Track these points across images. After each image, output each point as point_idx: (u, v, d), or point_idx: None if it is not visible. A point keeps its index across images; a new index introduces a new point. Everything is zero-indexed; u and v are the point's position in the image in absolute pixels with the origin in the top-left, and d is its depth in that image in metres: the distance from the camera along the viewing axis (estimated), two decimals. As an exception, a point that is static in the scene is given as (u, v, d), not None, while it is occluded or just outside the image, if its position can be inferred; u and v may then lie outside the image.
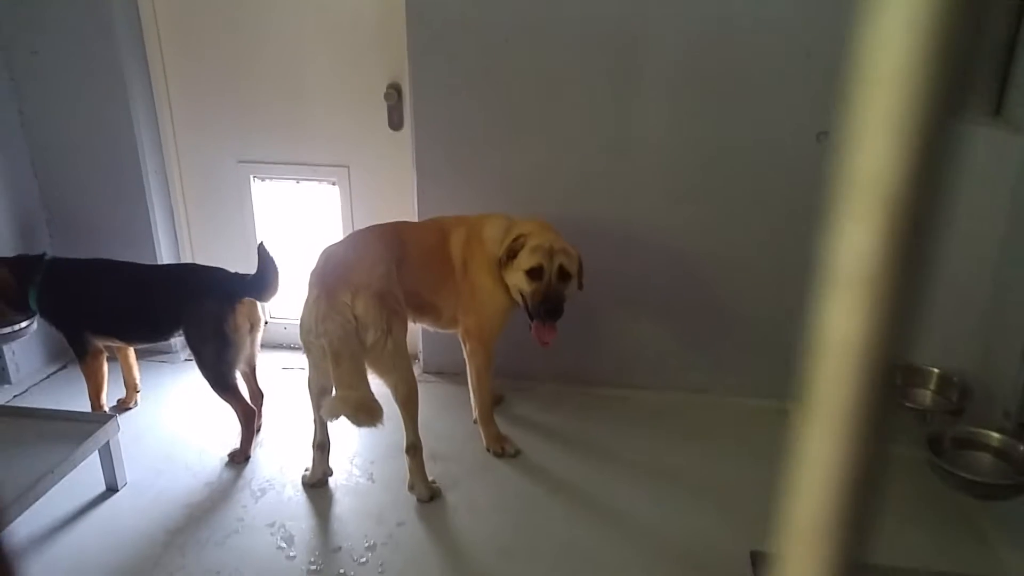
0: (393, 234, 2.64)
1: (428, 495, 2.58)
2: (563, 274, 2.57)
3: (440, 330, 2.89)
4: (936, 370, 2.77)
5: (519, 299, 2.62)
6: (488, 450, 2.82)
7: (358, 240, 2.62)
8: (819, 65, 2.64)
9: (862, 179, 0.24)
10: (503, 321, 2.75)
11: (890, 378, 0.26)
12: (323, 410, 2.30)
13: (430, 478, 2.62)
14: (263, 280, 2.64)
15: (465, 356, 2.81)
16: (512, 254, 2.58)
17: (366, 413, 2.18)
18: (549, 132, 2.88)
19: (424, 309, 2.74)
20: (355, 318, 2.29)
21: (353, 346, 2.28)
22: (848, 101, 0.25)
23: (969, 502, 2.50)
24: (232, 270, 2.75)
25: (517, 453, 2.83)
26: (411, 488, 2.59)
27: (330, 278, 2.38)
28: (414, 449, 2.56)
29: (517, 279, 2.58)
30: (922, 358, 2.70)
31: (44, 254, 2.77)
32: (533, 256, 2.54)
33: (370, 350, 2.32)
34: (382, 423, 2.21)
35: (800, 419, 0.28)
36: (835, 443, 0.26)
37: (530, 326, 2.61)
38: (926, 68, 0.23)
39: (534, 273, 2.55)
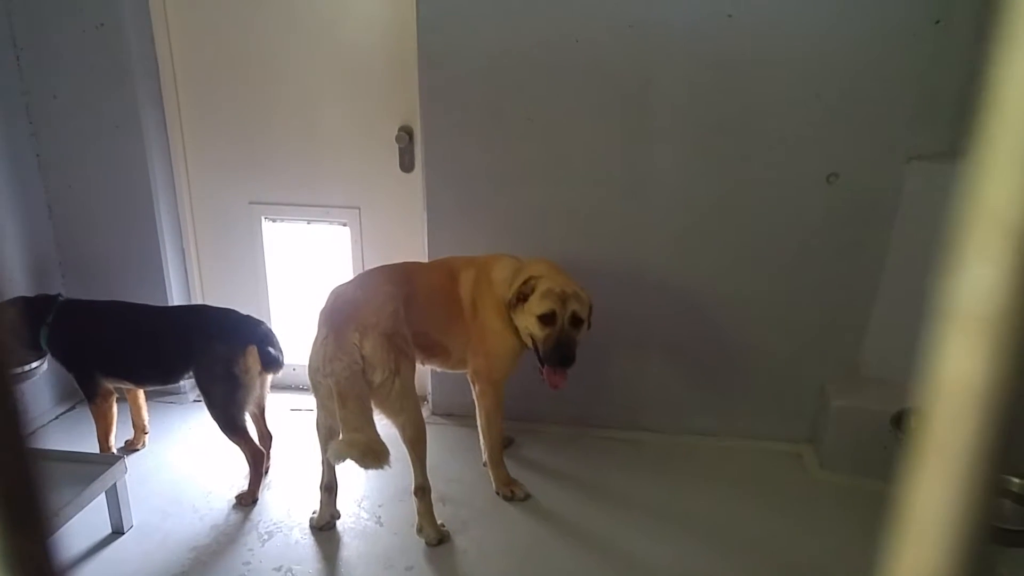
0: (402, 274, 2.65)
1: (436, 538, 2.55)
2: (575, 320, 2.53)
3: (449, 371, 2.88)
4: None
5: (529, 342, 2.61)
6: (498, 493, 2.79)
7: (367, 280, 2.63)
8: (829, 106, 2.67)
9: (988, 214, 0.24)
10: (513, 363, 2.74)
11: (1011, 423, 0.25)
12: (329, 453, 2.28)
13: (439, 521, 2.59)
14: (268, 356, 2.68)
15: (474, 397, 2.79)
16: (522, 297, 2.56)
17: (372, 456, 2.15)
18: (559, 174, 2.90)
19: (433, 349, 2.73)
20: (363, 358, 2.29)
21: (359, 387, 2.27)
22: (977, 135, 0.25)
23: (992, 549, 2.45)
24: (243, 311, 2.76)
25: (527, 497, 2.80)
26: (419, 531, 2.56)
27: (339, 318, 2.38)
28: (422, 491, 2.53)
29: (528, 323, 2.56)
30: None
31: (59, 295, 2.78)
32: (545, 301, 2.51)
33: (377, 391, 2.32)
34: (389, 465, 2.18)
35: (912, 463, 0.26)
36: (952, 489, 0.25)
37: (540, 370, 2.60)
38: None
39: (546, 319, 2.52)
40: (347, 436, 2.20)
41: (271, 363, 2.68)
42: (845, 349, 2.98)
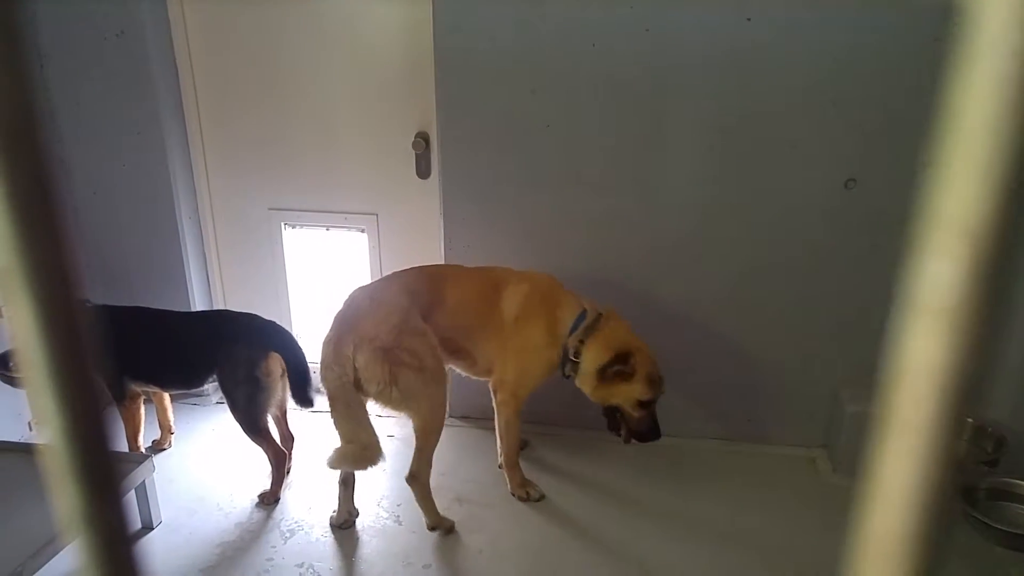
0: (429, 279, 2.71)
1: (432, 524, 2.63)
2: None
3: (472, 376, 2.92)
4: (970, 420, 2.76)
5: (609, 403, 2.70)
6: (513, 495, 2.84)
7: (383, 287, 2.68)
8: (845, 113, 2.69)
9: (946, 217, 0.28)
10: (541, 382, 2.77)
11: (965, 404, 0.29)
12: (326, 461, 2.41)
13: (455, 518, 2.65)
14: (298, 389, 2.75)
15: (494, 405, 2.83)
16: (622, 374, 2.59)
17: (364, 460, 2.40)
18: (575, 181, 2.94)
19: (459, 354, 2.78)
20: (356, 370, 2.40)
21: (349, 396, 2.41)
22: (936, 146, 0.29)
23: (1004, 554, 2.47)
24: (264, 316, 2.82)
25: (541, 498, 2.84)
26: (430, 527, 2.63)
27: (342, 326, 2.49)
28: (414, 479, 2.60)
29: (624, 400, 2.64)
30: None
31: (88, 300, 2.85)
32: (651, 388, 2.61)
33: (375, 397, 2.47)
34: (383, 459, 2.42)
35: (877, 439, 0.31)
36: (911, 462, 0.29)
37: (620, 433, 2.76)
38: (1014, 118, 0.26)
39: (646, 404, 2.63)
40: (341, 447, 2.41)
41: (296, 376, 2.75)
42: (859, 354, 3.00)
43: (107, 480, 0.38)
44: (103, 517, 0.38)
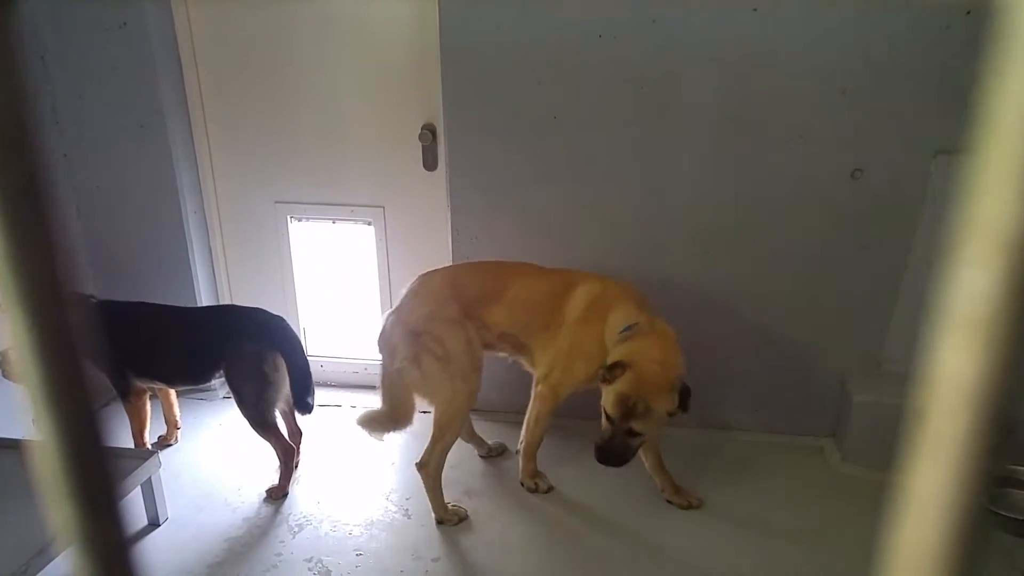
0: (489, 273, 2.72)
1: (439, 518, 2.67)
2: (632, 432, 2.45)
3: (527, 368, 2.88)
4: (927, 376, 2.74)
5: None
6: (522, 484, 2.83)
7: (433, 274, 2.75)
8: (854, 102, 2.66)
9: (983, 225, 0.26)
10: (583, 387, 2.70)
11: (1001, 415, 0.27)
12: (357, 418, 2.70)
13: (468, 508, 2.66)
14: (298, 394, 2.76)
15: (532, 395, 2.79)
16: (607, 379, 2.46)
17: (389, 425, 2.66)
18: (583, 172, 2.92)
19: (521, 350, 2.78)
20: (393, 346, 2.61)
21: (387, 368, 2.63)
22: (973, 152, 0.27)
23: (1008, 540, 2.46)
24: (271, 311, 2.81)
25: (549, 489, 2.84)
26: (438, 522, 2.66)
27: (396, 307, 2.69)
28: (422, 467, 2.66)
29: (604, 400, 2.49)
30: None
31: (91, 296, 2.85)
32: (615, 404, 2.42)
33: (399, 373, 2.59)
34: (406, 427, 2.68)
35: (910, 451, 0.29)
36: (945, 475, 0.28)
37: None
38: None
39: (611, 419, 2.46)
40: (373, 409, 2.69)
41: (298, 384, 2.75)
42: (867, 344, 2.99)
43: (102, 489, 0.36)
44: (98, 526, 0.37)
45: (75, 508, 0.35)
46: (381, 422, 2.67)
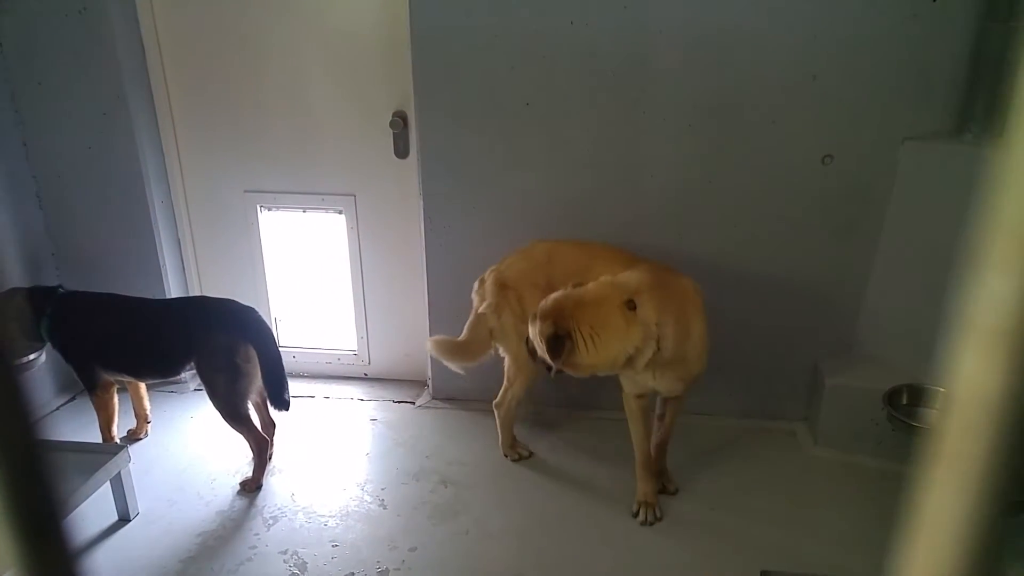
0: (579, 254, 2.69)
1: (504, 452, 2.94)
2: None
3: None
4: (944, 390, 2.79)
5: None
6: (638, 510, 2.66)
7: (537, 244, 2.80)
8: (825, 88, 2.68)
9: (1007, 229, 0.25)
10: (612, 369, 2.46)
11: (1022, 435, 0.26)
12: (429, 341, 2.97)
13: (441, 500, 2.64)
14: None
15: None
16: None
17: (458, 358, 2.89)
18: (555, 158, 2.91)
19: None
20: (485, 290, 2.78)
21: (475, 307, 2.83)
22: (997, 154, 0.26)
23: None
24: (242, 301, 2.77)
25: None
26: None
27: (501, 260, 2.81)
28: (497, 407, 2.92)
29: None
30: (932, 379, 2.71)
31: (59, 287, 2.78)
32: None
33: (482, 317, 2.79)
34: (474, 364, 2.89)
35: (926, 468, 0.28)
36: (963, 497, 0.26)
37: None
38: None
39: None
40: (452, 338, 2.92)
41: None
42: (839, 328, 3.02)
43: (49, 519, 0.33)
44: (47, 561, 0.34)
45: (15, 534, 0.32)
46: (451, 350, 2.89)
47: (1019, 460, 0.26)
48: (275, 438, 2.94)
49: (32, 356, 2.88)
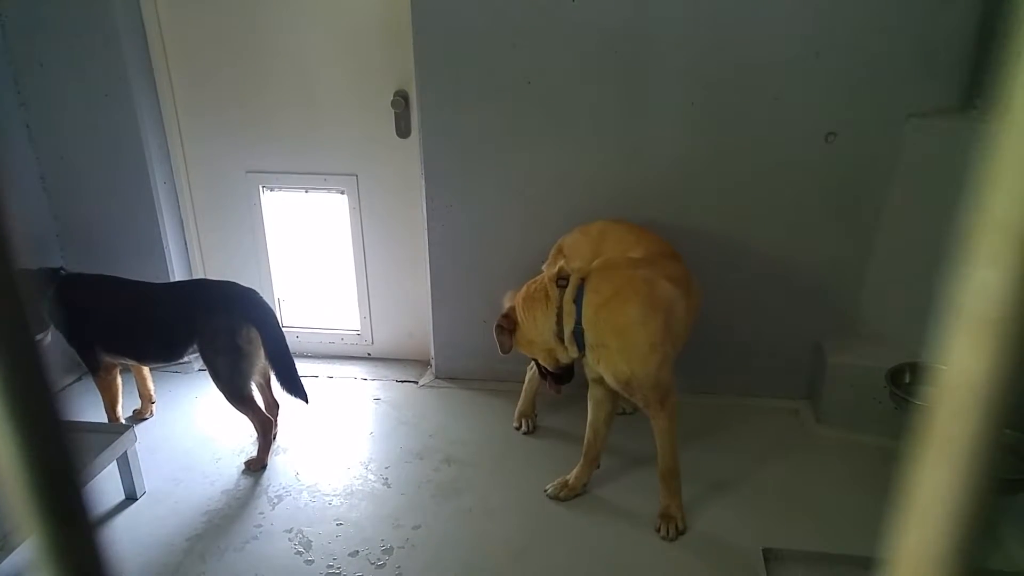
0: (621, 237, 2.68)
1: (516, 424, 2.99)
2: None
3: None
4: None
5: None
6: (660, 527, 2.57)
7: (598, 222, 2.79)
8: (828, 65, 2.65)
9: (995, 221, 0.25)
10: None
11: (1009, 418, 0.27)
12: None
13: (444, 479, 2.66)
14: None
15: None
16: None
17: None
18: (558, 137, 2.90)
19: None
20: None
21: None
22: (987, 147, 0.26)
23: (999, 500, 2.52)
24: (245, 283, 2.78)
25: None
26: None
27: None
28: (529, 368, 2.94)
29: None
30: (932, 356, 2.71)
31: (60, 268, 2.79)
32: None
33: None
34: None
35: (916, 450, 0.29)
36: (953, 477, 0.28)
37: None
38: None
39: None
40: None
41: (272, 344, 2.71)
42: (841, 306, 3.02)
43: (73, 502, 0.34)
44: (70, 546, 0.35)
45: (36, 500, 0.33)
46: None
47: (1000, 440, 0.27)
48: (279, 418, 2.96)
49: (39, 336, 2.88)
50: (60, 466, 0.34)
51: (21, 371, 0.32)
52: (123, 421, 2.94)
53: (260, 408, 2.80)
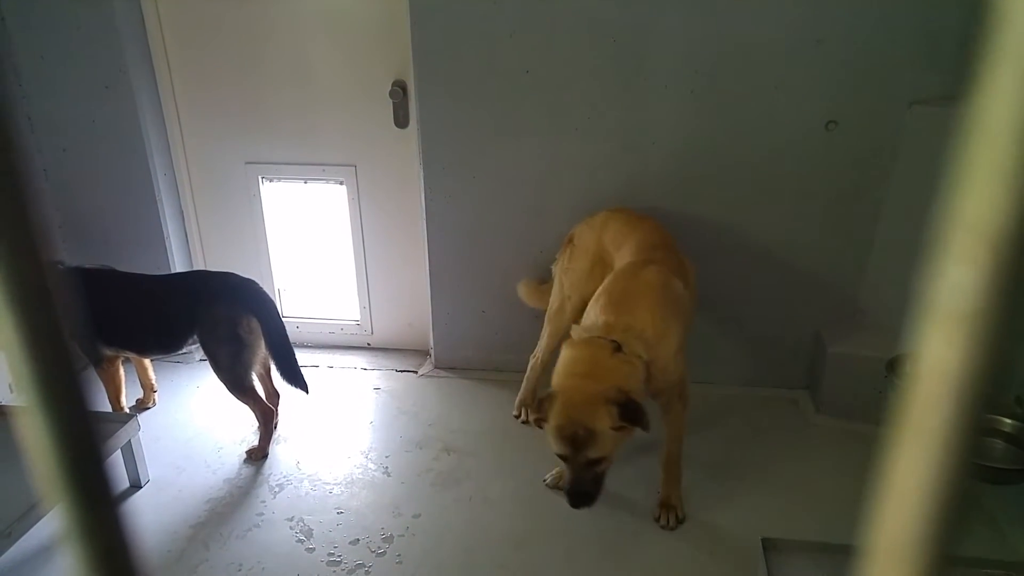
0: (619, 229, 2.68)
1: (516, 406, 3.02)
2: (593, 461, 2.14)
3: None
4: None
5: None
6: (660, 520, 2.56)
7: (607, 212, 2.80)
8: (829, 52, 2.64)
9: (967, 221, 0.26)
10: None
11: (981, 408, 0.28)
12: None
13: (444, 468, 2.68)
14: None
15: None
16: (539, 422, 2.19)
17: (533, 300, 3.03)
18: (556, 126, 2.89)
19: None
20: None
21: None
22: (959, 149, 0.27)
23: (980, 487, 2.53)
24: (244, 273, 2.79)
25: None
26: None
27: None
28: (533, 356, 2.97)
29: (548, 440, 2.19)
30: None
31: (60, 262, 2.79)
32: (555, 441, 2.13)
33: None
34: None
35: (891, 441, 0.30)
36: (927, 465, 0.29)
37: None
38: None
39: (561, 457, 2.19)
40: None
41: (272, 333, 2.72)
42: (841, 296, 3.02)
43: (100, 486, 0.36)
44: (84, 487, 0.36)
45: (60, 471, 0.34)
46: (533, 294, 3.01)
47: (975, 430, 0.28)
48: (280, 408, 2.97)
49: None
50: (87, 448, 0.36)
51: (49, 359, 0.33)
52: (127, 410, 2.95)
53: (261, 398, 2.82)
